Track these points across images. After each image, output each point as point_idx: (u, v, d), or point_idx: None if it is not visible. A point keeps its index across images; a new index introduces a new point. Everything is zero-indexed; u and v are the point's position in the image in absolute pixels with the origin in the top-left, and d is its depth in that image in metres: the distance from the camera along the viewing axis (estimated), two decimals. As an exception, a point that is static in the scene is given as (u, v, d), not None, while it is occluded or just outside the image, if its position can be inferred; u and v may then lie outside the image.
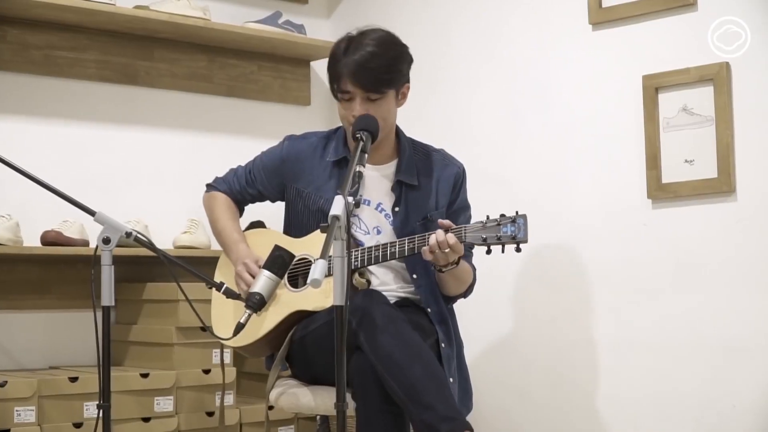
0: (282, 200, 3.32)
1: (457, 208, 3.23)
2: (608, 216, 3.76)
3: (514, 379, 4.05)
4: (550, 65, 3.98)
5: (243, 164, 3.36)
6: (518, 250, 2.90)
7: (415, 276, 3.15)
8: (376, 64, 3.01)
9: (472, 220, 2.97)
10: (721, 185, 3.43)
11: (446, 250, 2.90)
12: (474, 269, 3.21)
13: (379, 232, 3.16)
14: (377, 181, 3.18)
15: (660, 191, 3.59)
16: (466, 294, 3.23)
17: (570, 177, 3.89)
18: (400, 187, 3.17)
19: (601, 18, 3.78)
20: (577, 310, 3.86)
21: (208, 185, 3.41)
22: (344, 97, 3.05)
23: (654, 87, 3.60)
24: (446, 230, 2.91)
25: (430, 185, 3.19)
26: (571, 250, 3.87)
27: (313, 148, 3.23)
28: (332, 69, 3.08)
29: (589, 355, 3.81)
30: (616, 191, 3.73)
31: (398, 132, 3.23)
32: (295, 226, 3.24)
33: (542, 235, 3.78)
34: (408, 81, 3.14)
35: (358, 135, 2.88)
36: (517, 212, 2.89)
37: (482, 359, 4.07)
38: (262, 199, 3.37)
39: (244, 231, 3.32)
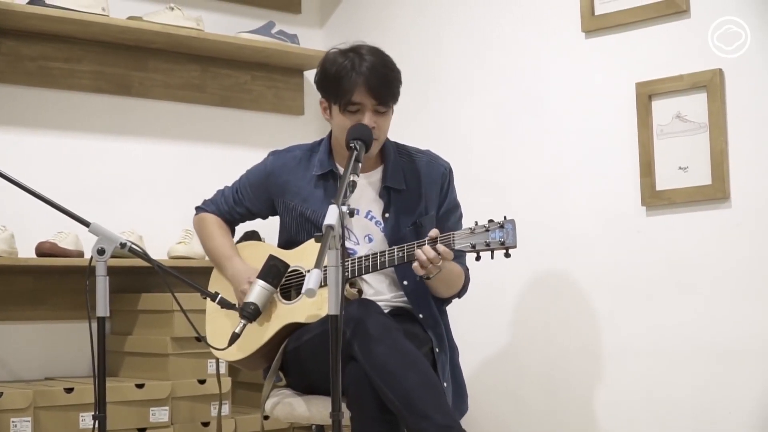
0: (273, 215, 3.32)
1: (447, 210, 3.21)
2: (603, 223, 3.76)
3: (508, 386, 4.05)
4: (543, 72, 3.98)
5: (229, 185, 3.35)
6: (507, 255, 2.85)
7: (405, 282, 3.13)
8: (392, 78, 3.03)
9: (462, 227, 2.95)
10: (715, 192, 3.44)
11: (438, 263, 2.89)
12: (467, 269, 3.20)
13: (370, 240, 3.15)
14: (363, 188, 3.14)
15: (654, 198, 3.59)
16: (460, 294, 3.21)
17: (564, 184, 3.89)
18: (387, 192, 3.15)
19: (594, 25, 3.78)
20: (571, 317, 3.86)
21: (197, 208, 3.39)
22: (352, 109, 3.03)
23: (647, 94, 3.60)
24: (434, 240, 2.88)
25: (418, 188, 3.17)
26: (566, 258, 3.87)
27: (298, 161, 3.22)
28: (341, 83, 3.00)
29: (584, 362, 3.81)
30: (611, 198, 3.73)
31: None
32: (285, 240, 3.24)
33: (536, 242, 3.79)
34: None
35: (352, 144, 2.88)
36: (505, 217, 2.85)
37: (477, 366, 4.07)
38: (251, 218, 3.36)
39: (237, 243, 3.31)
